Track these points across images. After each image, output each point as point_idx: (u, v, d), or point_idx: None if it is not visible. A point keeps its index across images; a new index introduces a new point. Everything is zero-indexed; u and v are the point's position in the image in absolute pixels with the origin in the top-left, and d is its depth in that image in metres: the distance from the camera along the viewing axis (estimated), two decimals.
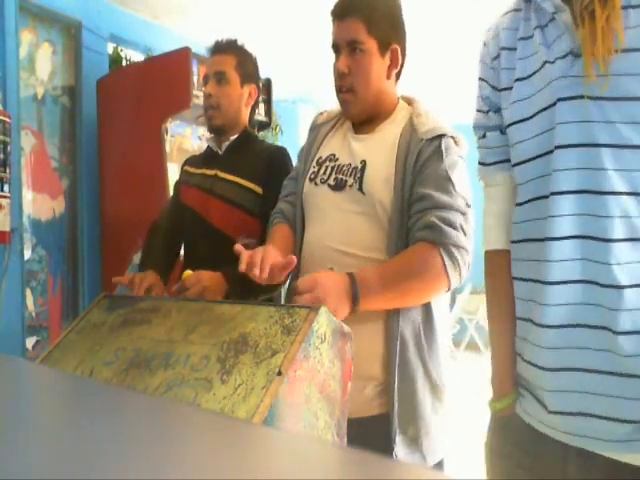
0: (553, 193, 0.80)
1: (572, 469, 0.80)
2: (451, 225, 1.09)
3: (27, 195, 2.51)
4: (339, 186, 1.21)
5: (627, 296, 0.75)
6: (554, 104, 0.81)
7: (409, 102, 1.30)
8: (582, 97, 0.78)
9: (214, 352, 0.88)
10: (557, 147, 0.80)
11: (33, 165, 2.55)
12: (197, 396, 0.81)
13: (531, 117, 0.85)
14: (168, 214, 1.68)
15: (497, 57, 0.92)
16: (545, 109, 0.82)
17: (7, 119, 2.05)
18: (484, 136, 0.97)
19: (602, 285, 0.76)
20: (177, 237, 1.62)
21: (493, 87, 0.93)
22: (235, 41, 1.63)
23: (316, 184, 1.24)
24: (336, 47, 1.23)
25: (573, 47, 0.80)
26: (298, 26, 3.35)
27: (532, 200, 0.86)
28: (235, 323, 0.93)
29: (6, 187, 2.04)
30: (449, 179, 1.12)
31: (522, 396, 0.89)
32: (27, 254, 2.48)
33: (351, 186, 1.19)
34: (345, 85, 1.22)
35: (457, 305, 5.46)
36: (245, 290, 1.28)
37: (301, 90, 4.44)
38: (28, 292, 2.49)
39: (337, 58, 1.23)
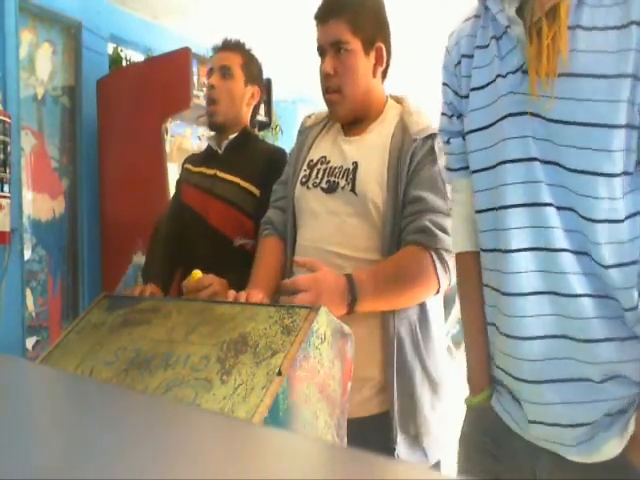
0: (502, 207, 0.82)
1: (542, 468, 0.83)
2: (443, 230, 1.10)
3: (27, 195, 2.50)
4: (331, 188, 1.20)
5: (583, 305, 0.77)
6: (503, 118, 0.81)
7: (398, 101, 1.29)
8: (526, 114, 0.78)
9: (214, 352, 0.88)
10: (502, 162, 0.81)
11: (33, 165, 2.54)
12: (197, 396, 0.81)
13: (486, 127, 0.85)
14: (169, 217, 1.67)
15: (458, 64, 0.92)
16: (496, 122, 0.83)
17: (7, 119, 2.05)
18: (448, 142, 0.97)
19: (561, 295, 0.78)
20: (178, 244, 1.61)
21: (455, 93, 0.93)
22: (243, 42, 1.65)
23: (308, 187, 1.24)
24: (321, 50, 1.23)
25: (523, 63, 0.80)
26: (298, 26, 3.34)
27: (486, 211, 0.87)
28: (235, 323, 0.93)
29: (6, 187, 2.04)
30: (444, 182, 1.12)
31: (499, 393, 0.90)
32: (27, 254, 2.48)
33: (343, 188, 1.19)
34: (332, 86, 1.22)
35: (457, 305, 5.46)
36: None
37: (301, 90, 4.43)
38: (28, 292, 2.48)
39: (322, 61, 1.23)
